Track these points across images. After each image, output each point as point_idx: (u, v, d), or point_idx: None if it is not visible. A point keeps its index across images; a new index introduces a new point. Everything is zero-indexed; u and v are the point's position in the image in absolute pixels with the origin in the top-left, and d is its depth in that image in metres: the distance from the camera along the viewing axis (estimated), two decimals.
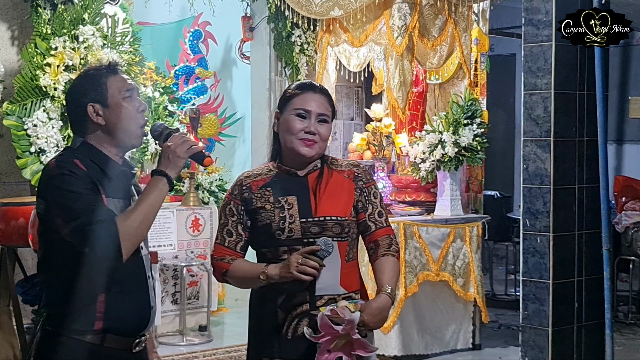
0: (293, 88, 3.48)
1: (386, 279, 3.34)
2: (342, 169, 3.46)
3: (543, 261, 6.41)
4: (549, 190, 6.40)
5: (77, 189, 2.96)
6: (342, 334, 3.17)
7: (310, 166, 3.44)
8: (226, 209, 3.46)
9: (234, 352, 7.15)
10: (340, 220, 3.36)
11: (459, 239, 7.26)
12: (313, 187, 3.40)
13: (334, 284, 3.33)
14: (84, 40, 6.48)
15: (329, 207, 3.37)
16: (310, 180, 3.42)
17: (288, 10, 7.77)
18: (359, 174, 3.46)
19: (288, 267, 3.23)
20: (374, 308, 3.24)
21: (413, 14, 7.20)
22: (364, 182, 3.45)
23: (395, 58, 7.24)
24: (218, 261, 3.45)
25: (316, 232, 3.33)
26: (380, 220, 3.45)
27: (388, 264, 3.38)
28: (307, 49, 8.02)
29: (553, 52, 6.34)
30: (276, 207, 3.37)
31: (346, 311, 3.18)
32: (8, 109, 6.36)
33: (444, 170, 7.33)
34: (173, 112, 7.85)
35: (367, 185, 3.46)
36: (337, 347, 3.20)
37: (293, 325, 3.33)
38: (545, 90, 6.40)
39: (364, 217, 3.43)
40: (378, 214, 3.45)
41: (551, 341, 6.39)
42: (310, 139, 3.37)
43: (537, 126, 6.45)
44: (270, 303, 3.37)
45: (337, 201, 3.39)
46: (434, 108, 7.97)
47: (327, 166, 3.46)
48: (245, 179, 3.49)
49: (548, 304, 6.39)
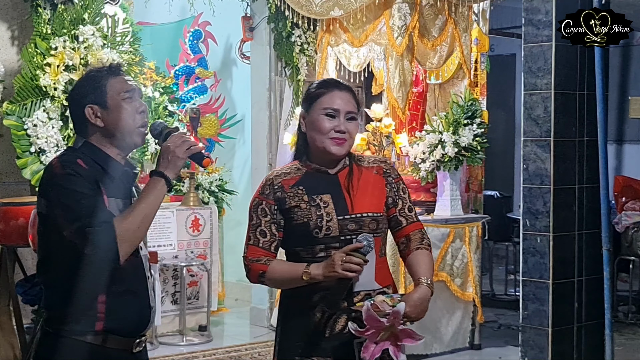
0: (316, 87, 3.46)
1: (422, 271, 3.37)
2: (371, 166, 3.48)
3: (543, 261, 6.41)
4: (549, 190, 6.40)
5: (81, 189, 2.96)
6: (387, 326, 3.17)
7: (340, 164, 3.44)
8: (258, 210, 3.42)
9: (234, 352, 7.15)
10: (376, 216, 3.38)
11: (459, 239, 7.26)
12: (345, 185, 3.40)
13: (370, 280, 3.33)
14: (84, 40, 6.48)
15: (364, 203, 3.38)
16: (341, 178, 3.42)
17: (288, 10, 7.77)
18: (388, 170, 3.49)
19: (332, 265, 3.20)
20: (416, 299, 3.27)
21: (413, 14, 7.20)
22: (393, 177, 3.49)
23: (395, 58, 7.24)
24: (254, 263, 3.39)
25: (353, 229, 3.34)
26: (411, 215, 3.49)
27: (423, 256, 3.42)
28: (307, 49, 8.02)
29: (553, 52, 6.34)
30: (312, 206, 3.35)
31: (385, 305, 3.20)
32: (8, 108, 6.36)
33: (444, 170, 7.33)
34: (173, 112, 7.85)
35: (396, 181, 3.49)
36: (382, 339, 3.20)
37: (330, 323, 3.32)
38: (545, 90, 6.40)
39: (394, 212, 3.46)
40: (408, 209, 3.49)
41: (551, 341, 6.39)
42: (341, 138, 3.38)
43: (537, 126, 6.45)
44: (305, 302, 3.35)
45: (371, 197, 3.40)
46: (434, 108, 7.96)
47: (355, 163, 3.48)
48: (275, 178, 3.46)
49: (548, 304, 6.39)
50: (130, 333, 3.11)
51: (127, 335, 3.09)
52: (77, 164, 3.02)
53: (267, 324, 7.92)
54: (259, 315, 8.08)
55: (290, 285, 3.38)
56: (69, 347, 3.03)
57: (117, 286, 3.03)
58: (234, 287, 9.13)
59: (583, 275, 6.55)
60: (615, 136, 11.15)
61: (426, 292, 3.31)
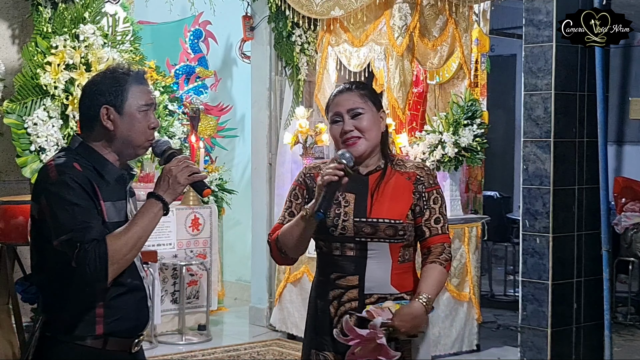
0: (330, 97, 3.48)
1: (425, 286, 3.31)
2: (406, 171, 3.42)
3: (542, 262, 6.41)
4: (548, 191, 6.40)
5: (75, 199, 2.91)
6: (368, 338, 3.19)
7: (372, 165, 3.42)
8: (292, 194, 3.47)
9: (233, 351, 7.16)
10: (394, 223, 3.33)
11: (458, 239, 7.26)
12: (372, 188, 3.38)
13: (384, 284, 3.34)
14: (84, 39, 6.48)
15: (385, 209, 3.34)
16: (372, 180, 3.40)
17: (288, 9, 7.78)
18: (422, 177, 3.40)
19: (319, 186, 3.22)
20: (405, 314, 3.25)
21: (414, 14, 7.20)
22: (425, 186, 3.39)
23: (395, 58, 7.24)
24: (271, 235, 3.44)
25: (369, 232, 3.32)
26: (436, 227, 3.39)
27: (433, 271, 3.35)
28: (307, 49, 8.02)
29: (553, 52, 6.35)
30: (334, 203, 3.35)
31: (385, 312, 3.21)
32: (8, 107, 6.37)
33: (444, 170, 7.33)
34: (173, 112, 7.85)
35: (428, 190, 3.40)
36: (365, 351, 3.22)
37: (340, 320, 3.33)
38: (546, 91, 6.40)
39: (420, 222, 3.39)
40: (435, 220, 3.39)
41: (550, 342, 6.39)
42: (350, 137, 3.35)
43: (537, 127, 6.45)
44: (325, 298, 3.39)
45: (394, 203, 3.36)
46: (434, 108, 7.96)
47: (392, 166, 3.44)
48: (311, 169, 3.50)
49: (547, 305, 6.39)
50: (130, 333, 3.09)
51: (126, 336, 3.08)
52: (73, 167, 2.96)
53: (266, 324, 7.92)
54: (258, 315, 8.08)
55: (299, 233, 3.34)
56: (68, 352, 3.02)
57: (114, 289, 3.01)
58: (233, 287, 9.13)
59: (582, 276, 6.56)
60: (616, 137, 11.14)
61: (418, 308, 3.26)
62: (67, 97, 6.42)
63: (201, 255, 7.68)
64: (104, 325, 3.01)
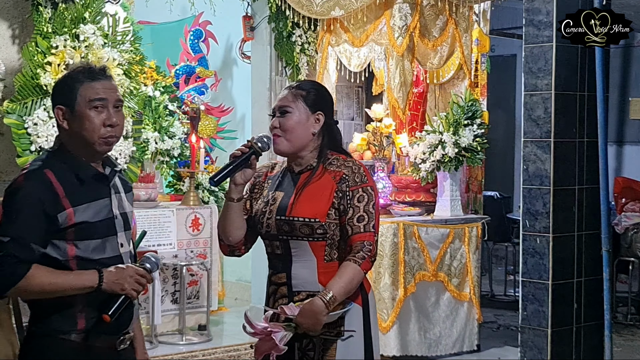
0: None
1: (332, 283, 3.32)
2: (334, 170, 3.43)
3: (542, 262, 6.42)
4: (548, 191, 6.41)
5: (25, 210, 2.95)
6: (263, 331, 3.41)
7: (304, 164, 3.47)
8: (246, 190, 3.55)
9: (233, 351, 7.15)
10: (309, 222, 3.35)
11: (458, 239, 7.26)
12: (299, 186, 3.43)
13: (311, 282, 3.39)
14: (84, 39, 6.47)
15: (304, 207, 3.37)
16: (302, 179, 3.45)
17: (289, 10, 7.77)
18: (346, 176, 3.39)
19: None
20: (306, 310, 3.31)
21: (414, 14, 7.20)
22: (348, 185, 3.38)
23: (395, 58, 7.24)
24: None
25: (287, 230, 3.38)
26: (359, 225, 3.35)
27: (344, 269, 3.33)
28: (307, 49, 8.02)
29: (554, 53, 6.35)
30: (264, 201, 3.47)
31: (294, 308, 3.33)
32: (9, 107, 6.36)
33: (444, 170, 7.33)
34: (173, 112, 7.85)
35: (353, 189, 3.37)
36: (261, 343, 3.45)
37: None
38: (546, 91, 6.40)
39: (344, 221, 3.38)
40: (358, 219, 3.36)
41: (550, 342, 6.39)
42: (274, 134, 3.45)
43: (537, 127, 6.45)
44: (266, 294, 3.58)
45: (313, 202, 3.38)
46: (434, 108, 7.96)
47: (324, 165, 3.45)
48: (264, 168, 3.59)
49: (547, 305, 6.40)
50: (113, 331, 3.09)
51: (110, 333, 3.08)
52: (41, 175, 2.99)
53: None
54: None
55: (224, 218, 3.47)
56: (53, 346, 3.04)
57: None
58: (234, 287, 9.13)
59: (582, 276, 6.56)
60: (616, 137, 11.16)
61: (318, 305, 3.29)
62: None
63: (201, 255, 7.67)
64: (85, 320, 3.03)
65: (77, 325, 3.03)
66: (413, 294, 6.96)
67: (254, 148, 3.36)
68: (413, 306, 7.02)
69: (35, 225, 2.94)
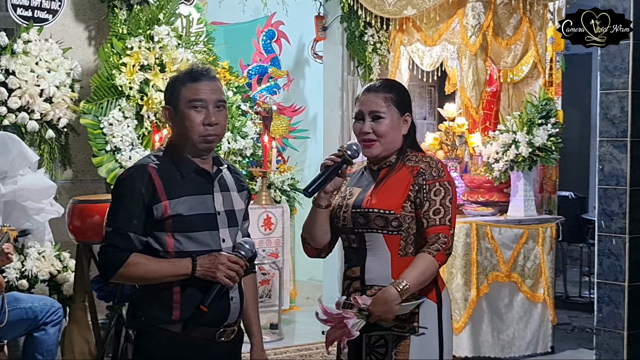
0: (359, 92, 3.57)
1: (406, 273, 3.33)
2: (412, 165, 3.45)
3: (618, 263, 6.33)
4: (625, 192, 6.31)
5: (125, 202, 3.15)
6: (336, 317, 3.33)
7: (383, 161, 3.50)
8: None
9: (305, 350, 7.17)
10: (384, 214, 3.38)
11: (532, 240, 7.18)
12: (378, 181, 3.46)
13: (384, 276, 3.39)
14: (159, 40, 6.55)
15: (379, 200, 3.40)
16: (381, 174, 3.48)
17: (361, 9, 7.77)
18: (423, 170, 3.41)
19: None
20: (379, 298, 3.31)
21: (487, 13, 7.14)
22: (425, 178, 3.40)
23: (469, 57, 7.19)
24: None
25: (362, 223, 3.41)
26: (434, 217, 3.37)
27: (419, 260, 3.35)
28: (379, 48, 8.01)
29: (630, 50, 6.26)
30: (341, 196, 3.51)
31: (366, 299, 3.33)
32: (85, 107, 6.46)
33: (518, 170, 7.26)
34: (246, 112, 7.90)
35: (430, 182, 3.39)
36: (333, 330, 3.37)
37: None
38: (622, 89, 6.31)
39: (420, 214, 3.40)
40: (434, 212, 3.37)
41: (626, 344, 6.30)
42: (367, 139, 3.46)
43: (613, 126, 6.36)
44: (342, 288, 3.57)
45: (389, 195, 3.41)
46: (507, 108, 7.89)
47: (402, 161, 3.48)
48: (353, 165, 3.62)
49: (623, 307, 6.31)
50: (210, 323, 3.19)
51: (207, 325, 3.18)
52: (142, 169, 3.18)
53: None
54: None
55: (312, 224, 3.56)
56: (154, 336, 3.17)
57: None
58: (306, 286, 9.15)
59: None
60: None
61: (391, 294, 3.29)
62: (141, 98, 6.49)
63: (273, 254, 7.71)
64: (180, 311, 3.14)
65: (172, 316, 3.14)
66: (486, 294, 6.91)
67: (344, 157, 3.40)
68: (486, 307, 6.97)
69: (134, 216, 3.13)
